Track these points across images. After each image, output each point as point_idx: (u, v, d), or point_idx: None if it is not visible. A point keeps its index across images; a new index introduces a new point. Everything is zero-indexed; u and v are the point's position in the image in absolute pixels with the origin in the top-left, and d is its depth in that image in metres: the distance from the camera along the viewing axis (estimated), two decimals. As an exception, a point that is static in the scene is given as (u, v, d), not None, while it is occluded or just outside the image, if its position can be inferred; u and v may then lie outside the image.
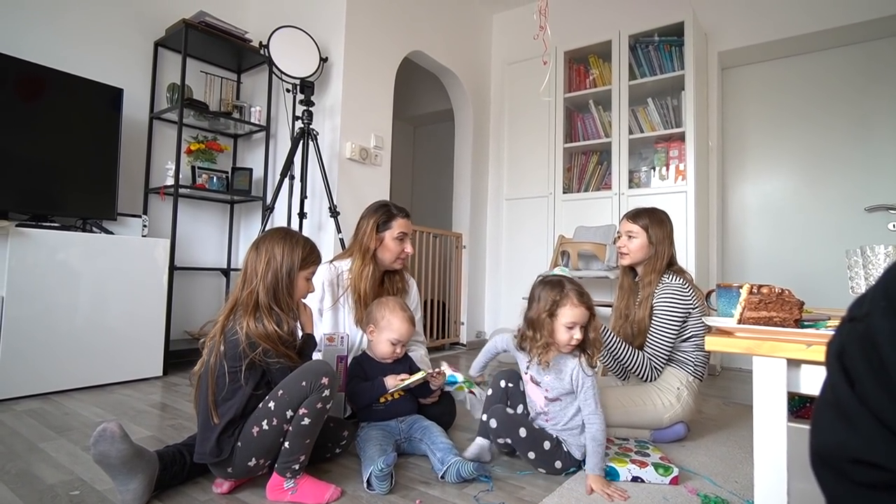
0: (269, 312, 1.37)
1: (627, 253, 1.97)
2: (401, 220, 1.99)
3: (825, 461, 0.44)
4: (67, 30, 2.81)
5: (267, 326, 1.34)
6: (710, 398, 2.54)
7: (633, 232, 1.95)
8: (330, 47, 3.21)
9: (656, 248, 1.93)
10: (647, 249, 1.94)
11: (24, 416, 1.95)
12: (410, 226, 2.03)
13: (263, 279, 1.39)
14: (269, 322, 1.35)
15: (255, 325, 1.33)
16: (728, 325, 1.02)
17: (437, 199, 5.40)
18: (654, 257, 1.93)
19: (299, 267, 1.45)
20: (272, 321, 1.36)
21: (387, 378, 1.66)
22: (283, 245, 1.44)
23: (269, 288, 1.39)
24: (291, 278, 1.43)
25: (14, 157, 2.38)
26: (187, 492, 1.34)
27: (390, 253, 1.96)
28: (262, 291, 1.38)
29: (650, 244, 1.93)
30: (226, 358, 1.32)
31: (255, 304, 1.37)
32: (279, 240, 1.45)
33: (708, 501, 1.34)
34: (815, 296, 2.72)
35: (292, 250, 1.44)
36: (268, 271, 1.40)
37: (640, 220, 1.95)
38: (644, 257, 1.95)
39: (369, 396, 1.66)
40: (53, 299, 2.29)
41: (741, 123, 3.64)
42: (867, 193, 3.15)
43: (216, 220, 3.52)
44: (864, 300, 0.44)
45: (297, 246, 1.45)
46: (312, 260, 1.50)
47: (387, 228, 1.97)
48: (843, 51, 3.31)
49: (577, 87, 3.81)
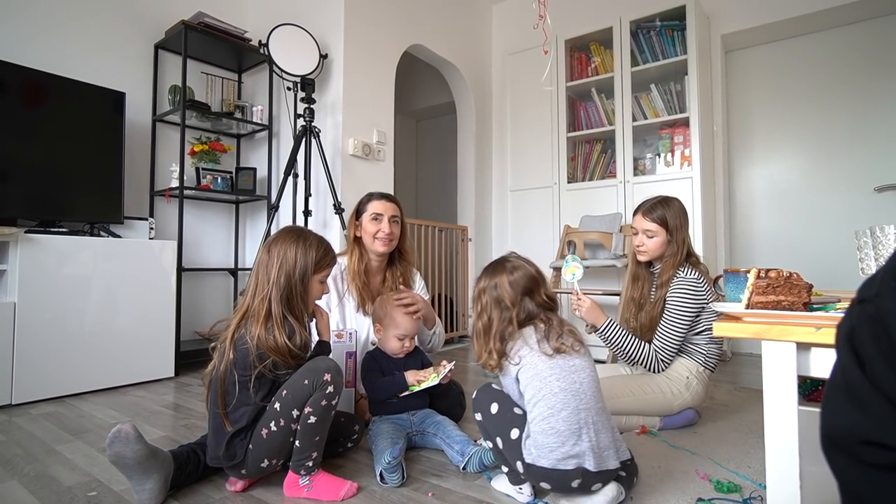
0: (282, 323, 1.32)
1: (646, 251, 1.91)
2: (375, 202, 1.99)
3: (836, 443, 0.44)
4: (68, 36, 2.82)
5: (278, 339, 1.30)
6: (721, 383, 2.53)
7: (651, 231, 1.87)
8: (329, 44, 3.20)
9: (675, 240, 1.86)
10: (666, 245, 1.88)
11: (40, 420, 1.97)
12: (392, 207, 2.00)
13: (276, 284, 1.34)
14: (280, 334, 1.30)
15: (265, 337, 1.29)
16: (736, 310, 1.01)
17: (441, 193, 5.39)
18: (675, 250, 1.86)
19: (314, 270, 1.40)
20: (284, 333, 1.31)
21: (407, 373, 1.66)
22: (296, 247, 1.38)
23: (283, 294, 1.34)
24: (305, 283, 1.38)
25: (20, 165, 2.40)
26: (202, 490, 1.35)
27: (368, 234, 1.96)
28: (274, 299, 1.33)
29: (670, 240, 1.87)
30: (235, 367, 1.30)
31: (268, 312, 1.32)
32: (292, 241, 1.39)
33: (720, 486, 1.33)
34: (824, 278, 2.69)
35: (306, 252, 1.39)
36: (280, 275, 1.35)
37: (657, 216, 1.87)
38: (662, 253, 1.90)
39: (390, 391, 1.66)
40: (64, 304, 2.31)
41: (746, 106, 3.60)
42: (876, 173, 3.11)
43: (222, 220, 3.53)
44: (874, 281, 0.44)
45: (310, 248, 1.40)
46: (327, 262, 1.45)
47: (363, 212, 2.00)
48: (847, 29, 3.26)
49: (579, 75, 3.78)
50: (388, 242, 1.97)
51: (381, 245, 1.96)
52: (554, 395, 1.21)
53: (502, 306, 1.34)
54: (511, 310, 1.33)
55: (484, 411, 1.31)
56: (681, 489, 1.34)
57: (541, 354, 1.26)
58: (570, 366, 1.26)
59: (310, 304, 1.44)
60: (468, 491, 1.35)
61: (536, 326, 1.33)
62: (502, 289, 1.34)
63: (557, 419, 1.18)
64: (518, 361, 1.29)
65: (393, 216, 1.98)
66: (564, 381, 1.23)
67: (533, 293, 1.36)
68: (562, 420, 1.18)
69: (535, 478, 1.21)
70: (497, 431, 1.28)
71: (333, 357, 1.48)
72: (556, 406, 1.19)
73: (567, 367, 1.25)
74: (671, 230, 1.86)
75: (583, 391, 1.23)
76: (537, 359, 1.26)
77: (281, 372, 1.32)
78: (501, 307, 1.34)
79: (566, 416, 1.19)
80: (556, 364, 1.25)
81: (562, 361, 1.26)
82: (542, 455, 1.18)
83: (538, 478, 1.21)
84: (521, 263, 1.39)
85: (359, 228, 2.00)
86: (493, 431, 1.30)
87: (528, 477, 1.24)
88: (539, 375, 1.24)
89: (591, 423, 1.20)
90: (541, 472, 1.19)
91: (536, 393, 1.23)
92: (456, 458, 1.48)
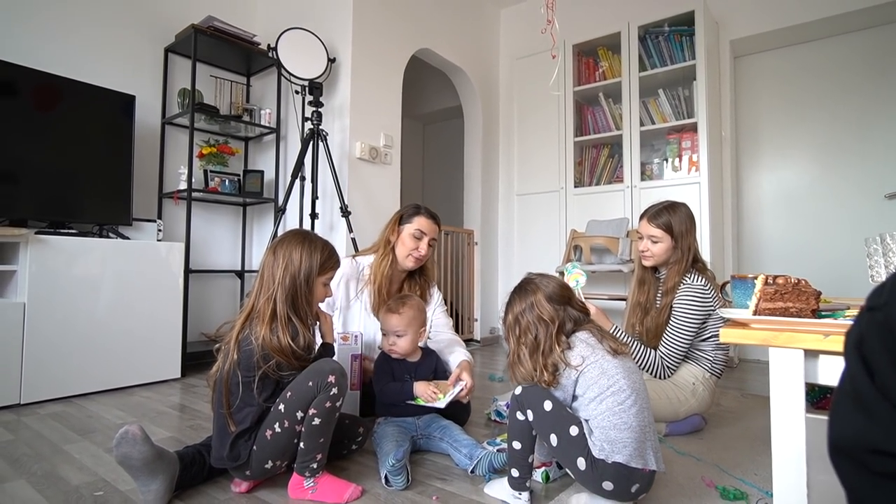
0: (287, 324, 1.33)
1: (651, 256, 1.91)
2: (423, 219, 1.98)
3: (844, 452, 0.43)
4: (80, 39, 2.86)
5: (282, 339, 1.31)
6: (728, 390, 2.52)
7: (655, 236, 1.88)
8: (337, 48, 3.22)
9: (680, 247, 1.86)
10: (672, 252, 1.88)
11: (48, 420, 1.99)
12: (435, 230, 2.00)
13: (282, 284, 1.35)
14: (284, 335, 1.31)
15: (270, 337, 1.30)
16: (744, 316, 1.01)
17: (448, 197, 5.40)
18: (680, 256, 1.86)
19: (318, 272, 1.41)
20: (287, 334, 1.32)
21: (417, 384, 1.66)
22: (301, 249, 1.40)
23: (287, 295, 1.35)
24: (310, 284, 1.39)
25: (31, 166, 2.43)
26: (207, 491, 1.36)
27: (404, 248, 1.96)
28: (279, 299, 1.34)
29: (675, 246, 1.87)
30: (239, 367, 1.31)
31: (273, 313, 1.34)
32: (297, 243, 1.41)
33: (726, 493, 1.32)
34: (833, 285, 2.67)
35: (311, 255, 1.40)
36: (286, 276, 1.36)
37: (662, 221, 1.87)
38: (668, 259, 1.89)
39: (397, 398, 1.66)
40: (73, 305, 2.33)
41: (755, 112, 3.59)
42: (886, 180, 3.09)
43: (229, 222, 3.55)
44: (884, 289, 0.43)
45: (315, 250, 1.41)
46: (331, 265, 1.46)
47: (407, 222, 1.98)
48: (856, 35, 3.24)
49: (587, 80, 3.78)
50: (419, 263, 1.98)
51: (413, 263, 1.97)
52: (623, 391, 1.20)
53: (546, 322, 1.31)
54: (554, 324, 1.31)
55: (536, 409, 1.25)
56: (686, 496, 1.33)
57: (605, 352, 1.26)
58: (628, 366, 1.26)
59: (314, 305, 1.45)
60: (472, 495, 1.35)
61: (591, 330, 1.32)
62: (541, 306, 1.33)
63: (629, 414, 1.17)
64: (581, 362, 1.25)
65: (433, 239, 1.99)
66: (629, 379, 1.22)
67: (571, 301, 1.36)
68: (633, 416, 1.17)
69: (601, 476, 1.17)
70: (552, 429, 1.23)
71: (338, 359, 1.49)
72: (627, 402, 1.18)
73: (628, 367, 1.25)
74: (676, 236, 1.86)
75: (643, 391, 1.23)
76: (601, 357, 1.25)
77: (285, 373, 1.33)
78: (546, 323, 1.31)
79: (636, 412, 1.18)
80: (619, 364, 1.25)
81: (621, 361, 1.25)
82: (616, 451, 1.15)
83: (605, 476, 1.16)
84: (548, 278, 1.39)
85: (397, 235, 1.99)
86: (546, 429, 1.24)
87: (591, 475, 1.18)
88: (606, 373, 1.23)
89: (650, 422, 1.20)
90: (610, 468, 1.15)
91: (605, 389, 1.21)
92: (464, 462, 1.47)
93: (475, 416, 1.99)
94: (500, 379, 2.77)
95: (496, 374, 2.90)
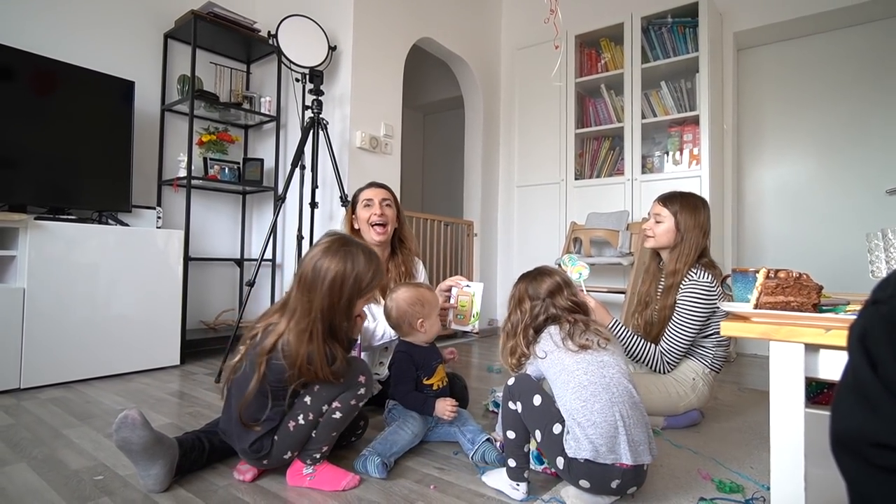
0: (324, 345, 1.27)
1: (652, 236, 1.91)
2: (365, 189, 2.04)
3: (846, 445, 0.44)
4: (79, 24, 2.83)
5: (319, 371, 1.25)
6: (726, 384, 2.53)
7: (661, 216, 1.88)
8: (338, 35, 3.19)
9: (684, 236, 1.85)
10: (673, 236, 1.87)
11: (48, 404, 1.99)
12: (381, 192, 2.01)
13: (321, 307, 1.27)
14: (322, 365, 1.26)
15: (307, 368, 1.25)
16: (744, 309, 1.01)
17: (447, 187, 5.38)
18: (682, 246, 1.85)
19: (361, 294, 1.34)
20: (326, 361, 1.26)
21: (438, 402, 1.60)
22: (345, 267, 1.30)
23: (325, 316, 1.28)
24: (351, 306, 1.33)
25: (30, 152, 2.41)
26: (207, 477, 1.36)
27: (363, 222, 1.98)
28: (320, 320, 1.27)
29: (677, 231, 1.86)
30: (268, 381, 1.27)
31: (311, 334, 1.26)
32: (340, 259, 1.30)
33: (723, 486, 1.33)
34: (833, 280, 2.66)
35: (357, 275, 1.30)
36: (325, 299, 1.28)
37: (671, 205, 1.87)
38: (668, 243, 1.88)
39: (416, 409, 1.62)
40: (72, 291, 2.33)
41: (757, 105, 3.57)
42: (889, 175, 3.08)
43: (229, 210, 3.54)
44: (889, 283, 0.43)
45: (360, 268, 1.31)
46: (375, 284, 1.36)
47: (356, 202, 2.03)
48: (861, 28, 3.22)
49: (589, 71, 3.76)
50: (382, 227, 1.97)
51: (377, 234, 1.96)
52: (583, 387, 1.21)
53: (522, 308, 1.41)
54: (525, 315, 1.39)
55: (525, 402, 1.26)
56: (682, 488, 1.34)
57: (566, 350, 1.28)
58: (598, 361, 1.26)
59: (353, 324, 1.39)
60: (470, 485, 1.35)
61: (561, 325, 1.35)
62: (522, 292, 1.43)
63: (591, 410, 1.17)
64: (543, 356, 1.31)
65: (384, 199, 2.00)
66: (593, 374, 1.23)
67: (555, 295, 1.40)
68: (597, 412, 1.17)
69: (576, 475, 1.19)
70: (538, 424, 1.24)
71: None
72: (588, 398, 1.19)
73: (595, 363, 1.25)
74: (680, 221, 1.86)
75: (613, 385, 1.22)
76: (563, 354, 1.28)
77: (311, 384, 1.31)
78: (521, 309, 1.41)
79: (600, 408, 1.18)
80: (583, 359, 1.26)
81: (589, 357, 1.26)
82: (582, 448, 1.16)
83: (579, 475, 1.18)
84: (550, 270, 1.46)
85: (355, 220, 2.03)
86: (533, 423, 1.25)
87: (568, 475, 1.21)
88: (566, 370, 1.25)
89: (624, 416, 1.19)
90: (582, 467, 1.17)
91: (564, 385, 1.23)
92: (467, 447, 1.52)
93: (473, 406, 1.99)
94: (498, 370, 2.78)
95: (494, 365, 2.91)
